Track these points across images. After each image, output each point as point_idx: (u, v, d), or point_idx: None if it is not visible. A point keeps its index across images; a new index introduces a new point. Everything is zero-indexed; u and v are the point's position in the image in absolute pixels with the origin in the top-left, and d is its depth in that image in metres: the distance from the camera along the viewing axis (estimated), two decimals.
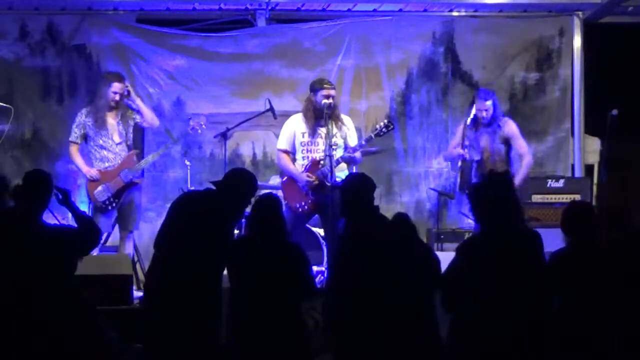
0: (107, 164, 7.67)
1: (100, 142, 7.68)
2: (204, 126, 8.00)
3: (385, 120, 7.61)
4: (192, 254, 5.36)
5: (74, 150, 7.78)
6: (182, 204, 5.65)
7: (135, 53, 9.24)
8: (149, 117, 7.86)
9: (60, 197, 5.40)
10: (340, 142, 7.44)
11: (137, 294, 6.83)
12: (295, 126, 7.52)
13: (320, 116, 7.36)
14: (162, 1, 9.24)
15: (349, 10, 9.51)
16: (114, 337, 5.45)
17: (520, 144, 7.92)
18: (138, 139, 8.48)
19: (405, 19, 9.54)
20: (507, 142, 7.91)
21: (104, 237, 7.91)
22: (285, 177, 7.59)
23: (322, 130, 7.41)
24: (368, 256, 5.26)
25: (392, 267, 5.18)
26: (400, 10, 9.52)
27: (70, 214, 5.52)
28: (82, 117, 7.76)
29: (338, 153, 7.37)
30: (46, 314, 4.96)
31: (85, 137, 7.74)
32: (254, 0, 9.23)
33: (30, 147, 9.05)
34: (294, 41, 9.45)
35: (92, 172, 7.62)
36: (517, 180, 7.61)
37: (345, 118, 7.62)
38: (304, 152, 7.49)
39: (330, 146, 7.22)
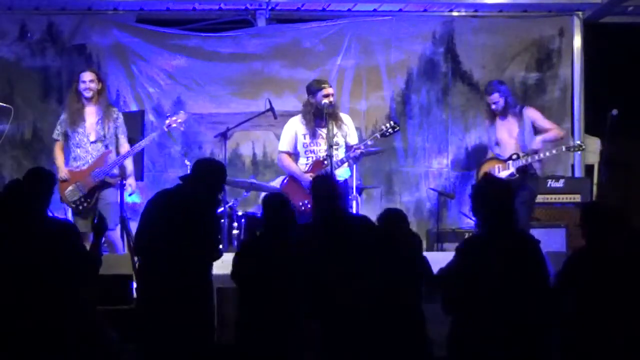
0: (79, 163, 7.51)
1: (77, 140, 7.54)
2: (183, 124, 7.84)
3: (391, 122, 7.63)
4: (176, 252, 5.36)
5: (55, 148, 7.63)
6: (156, 204, 5.64)
7: (135, 53, 9.25)
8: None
9: (96, 221, 5.40)
10: (341, 141, 7.46)
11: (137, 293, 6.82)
12: (296, 128, 7.52)
13: (320, 117, 7.37)
14: (162, 1, 9.24)
15: (349, 10, 9.51)
16: (114, 337, 5.45)
17: (545, 123, 7.77)
18: (137, 139, 8.45)
19: (405, 19, 9.55)
20: (534, 128, 7.77)
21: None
22: (287, 177, 7.60)
23: (323, 131, 7.42)
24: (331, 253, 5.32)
25: (362, 265, 5.21)
26: (400, 10, 9.52)
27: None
28: (63, 115, 7.69)
29: (340, 152, 7.39)
30: (46, 313, 4.95)
31: (66, 135, 7.65)
32: (254, 0, 9.23)
33: (30, 147, 9.06)
34: (294, 41, 9.46)
35: (62, 174, 7.48)
36: (538, 139, 7.59)
37: (344, 117, 7.63)
38: (306, 153, 7.49)
39: (331, 146, 7.23)
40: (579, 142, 8.10)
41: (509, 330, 4.93)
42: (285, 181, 7.63)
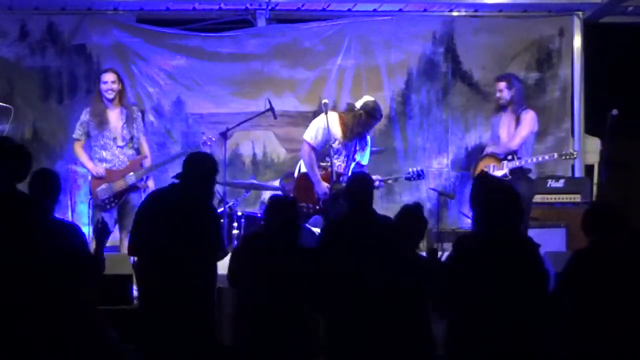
0: (105, 165, 7.61)
1: (102, 142, 7.64)
2: (214, 140, 7.85)
3: (419, 168, 7.85)
4: (173, 252, 5.37)
5: (77, 147, 7.71)
6: (150, 204, 5.64)
7: (135, 53, 9.25)
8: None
9: (99, 227, 5.39)
10: (358, 158, 7.54)
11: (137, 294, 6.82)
12: (332, 129, 7.42)
13: (359, 135, 7.42)
14: (162, 1, 9.24)
15: (349, 10, 9.52)
16: (114, 337, 5.45)
17: (520, 132, 7.65)
18: None
19: (405, 19, 9.55)
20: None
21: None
22: (303, 174, 7.54)
23: (350, 144, 7.48)
24: (353, 249, 5.33)
25: (380, 264, 5.21)
26: (400, 10, 9.52)
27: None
28: (86, 116, 7.71)
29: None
30: (46, 313, 4.95)
31: (88, 135, 7.70)
32: (254, 0, 9.23)
33: (30, 147, 8.94)
34: (294, 41, 9.46)
35: (100, 170, 7.56)
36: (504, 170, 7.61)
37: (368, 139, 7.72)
38: (328, 158, 7.44)
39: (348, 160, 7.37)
40: (571, 150, 8.07)
41: (504, 330, 4.93)
42: (299, 177, 7.57)
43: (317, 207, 7.39)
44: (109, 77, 7.65)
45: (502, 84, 7.78)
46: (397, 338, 5.12)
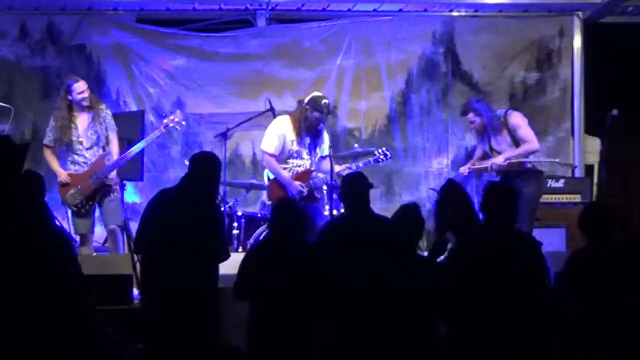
0: (77, 167, 7.50)
1: (73, 146, 7.47)
2: (183, 123, 7.77)
3: (385, 150, 7.68)
4: (179, 251, 5.38)
5: (48, 153, 7.54)
6: (157, 203, 5.65)
7: (135, 53, 9.25)
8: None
9: None
10: (320, 152, 7.53)
11: (137, 293, 6.82)
12: (286, 132, 7.45)
13: (310, 129, 7.38)
14: (162, 1, 9.25)
15: (349, 10, 9.52)
16: (114, 337, 5.45)
17: (524, 133, 7.53)
18: (137, 139, 8.43)
19: (405, 19, 9.56)
20: (515, 136, 7.57)
21: (103, 239, 7.90)
22: (271, 181, 7.50)
23: (307, 140, 7.44)
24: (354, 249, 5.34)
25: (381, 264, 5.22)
26: (400, 10, 9.53)
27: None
28: (53, 122, 7.57)
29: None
30: (46, 313, 4.95)
31: (57, 141, 7.54)
32: (254, 0, 9.24)
33: (29, 147, 9.03)
34: (294, 41, 9.46)
35: (62, 177, 7.44)
36: (502, 157, 7.41)
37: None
38: (290, 160, 7.42)
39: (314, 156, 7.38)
40: (571, 162, 8.06)
41: (503, 329, 4.94)
42: (270, 184, 7.51)
43: None
44: (82, 86, 7.44)
45: (469, 116, 7.63)
46: (397, 338, 5.12)
